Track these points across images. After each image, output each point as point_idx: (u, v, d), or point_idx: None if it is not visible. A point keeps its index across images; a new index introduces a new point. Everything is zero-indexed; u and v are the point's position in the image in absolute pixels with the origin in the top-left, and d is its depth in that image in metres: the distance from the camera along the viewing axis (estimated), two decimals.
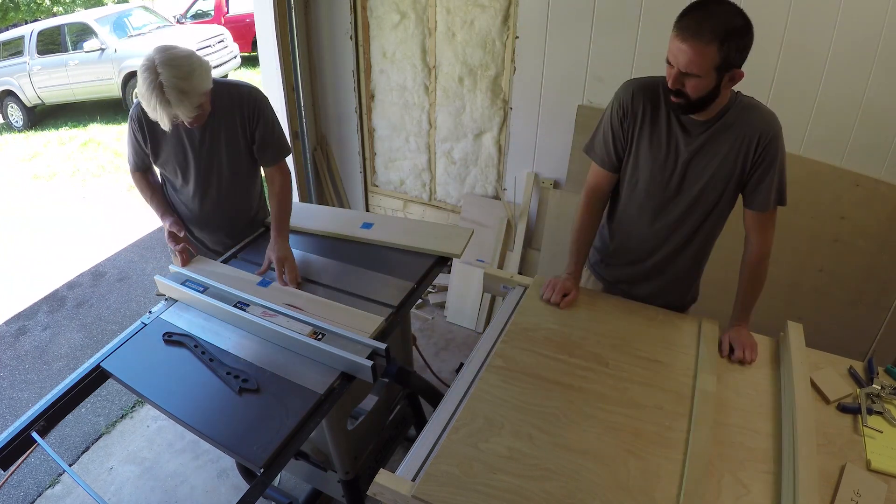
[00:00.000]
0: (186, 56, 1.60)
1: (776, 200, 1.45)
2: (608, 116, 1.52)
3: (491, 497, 1.08)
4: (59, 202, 5.39)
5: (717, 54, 1.24)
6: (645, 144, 1.48)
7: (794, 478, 1.08)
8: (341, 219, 2.14)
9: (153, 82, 1.54)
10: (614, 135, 1.51)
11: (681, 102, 1.34)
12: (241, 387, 1.40)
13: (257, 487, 1.24)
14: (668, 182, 1.49)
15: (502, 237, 3.02)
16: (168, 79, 1.54)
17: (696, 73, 1.26)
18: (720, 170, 1.43)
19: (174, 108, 1.57)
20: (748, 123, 1.39)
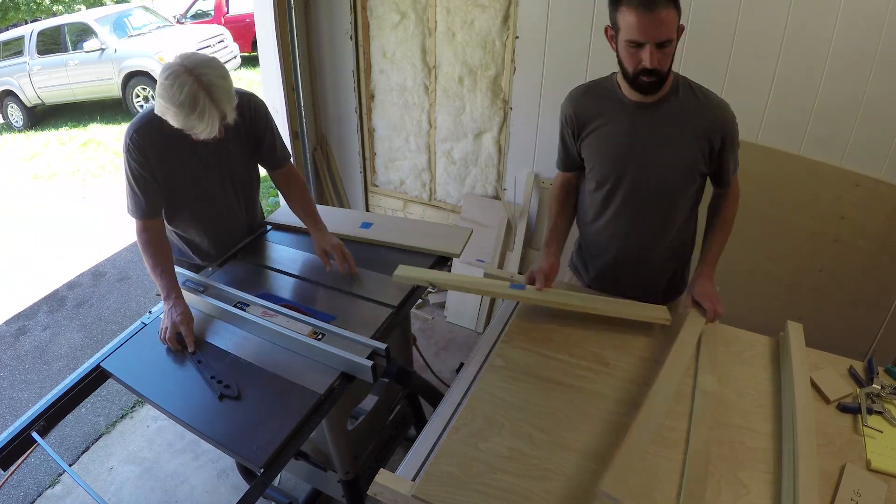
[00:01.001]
0: (214, 58, 1.53)
1: (734, 170, 1.54)
2: (560, 130, 1.61)
3: (491, 497, 1.08)
4: (59, 202, 5.39)
5: (675, 13, 1.25)
6: (596, 143, 1.51)
7: (794, 478, 1.08)
8: (340, 218, 2.14)
9: (196, 84, 1.43)
10: (566, 143, 1.60)
11: (655, 80, 1.33)
12: (222, 392, 1.39)
13: (257, 487, 1.24)
14: (625, 173, 1.50)
15: (502, 237, 3.02)
16: (212, 79, 1.45)
17: (669, 38, 1.25)
18: (680, 155, 1.45)
19: (223, 108, 1.47)
20: (711, 118, 1.41)
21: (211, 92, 1.44)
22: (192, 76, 1.43)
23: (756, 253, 2.36)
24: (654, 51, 1.26)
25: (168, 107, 1.46)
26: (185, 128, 1.50)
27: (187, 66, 1.44)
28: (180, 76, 1.43)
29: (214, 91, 1.45)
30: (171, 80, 1.44)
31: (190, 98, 1.43)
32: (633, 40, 1.27)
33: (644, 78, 1.32)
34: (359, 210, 3.60)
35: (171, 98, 1.44)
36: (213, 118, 1.46)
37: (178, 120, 1.47)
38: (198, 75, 1.44)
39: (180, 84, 1.43)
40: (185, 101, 1.43)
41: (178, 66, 1.45)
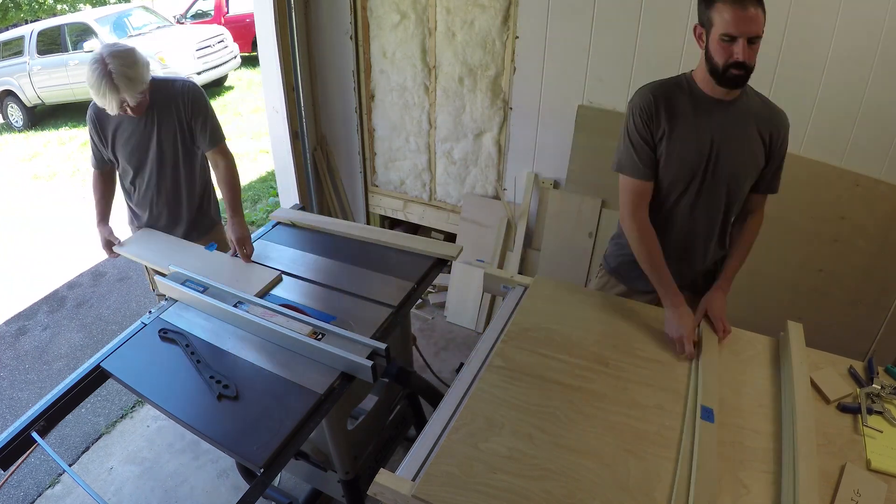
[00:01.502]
0: (131, 49, 1.82)
1: (771, 183, 1.59)
2: (632, 126, 1.51)
3: (491, 497, 1.08)
4: (59, 202, 5.39)
5: (763, 13, 1.31)
6: (675, 142, 1.49)
7: (794, 478, 1.08)
8: None
9: (102, 71, 1.73)
10: (644, 141, 1.50)
11: (742, 75, 1.37)
12: (220, 392, 1.39)
13: (257, 487, 1.24)
14: (703, 171, 1.51)
15: (502, 237, 3.02)
16: (116, 67, 1.73)
17: (759, 34, 1.32)
18: (750, 155, 1.50)
19: (122, 93, 1.75)
20: (774, 117, 1.50)
21: (112, 79, 1.74)
22: (101, 64, 1.74)
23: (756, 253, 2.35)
24: (745, 45, 1.32)
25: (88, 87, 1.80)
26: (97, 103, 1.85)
27: (102, 54, 1.76)
28: (94, 62, 1.76)
29: (115, 78, 1.74)
30: (89, 64, 1.77)
31: (96, 81, 1.75)
32: (727, 34, 1.33)
33: (734, 71, 1.36)
34: (358, 210, 3.60)
35: (87, 79, 1.78)
36: (113, 100, 1.77)
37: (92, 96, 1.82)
38: (105, 64, 1.74)
39: (92, 69, 1.75)
40: (93, 83, 1.76)
41: (98, 54, 1.77)
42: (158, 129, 1.97)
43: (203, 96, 2.04)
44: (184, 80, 2.05)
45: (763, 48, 2.13)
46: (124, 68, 1.76)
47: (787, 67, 2.15)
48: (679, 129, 1.48)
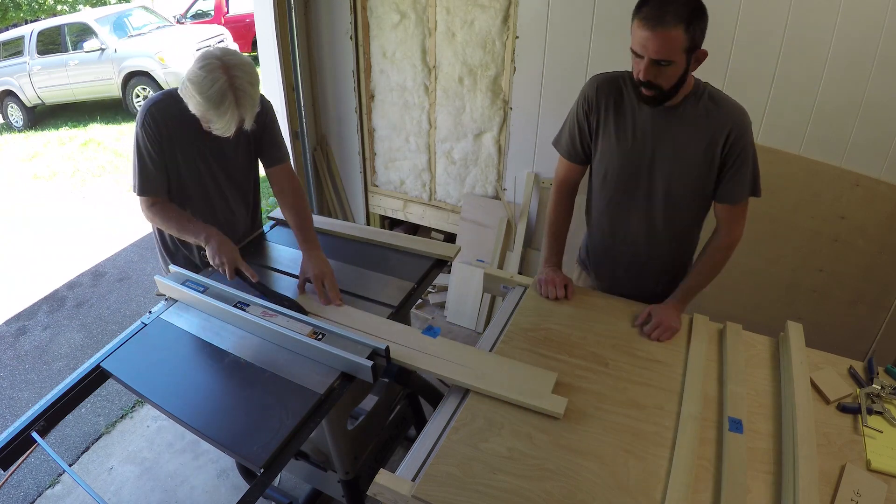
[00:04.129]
0: (251, 62, 1.57)
1: (748, 192, 1.46)
2: (574, 111, 1.56)
3: (491, 497, 1.08)
4: (59, 202, 5.39)
5: (684, 37, 1.24)
6: (611, 137, 1.50)
7: (794, 478, 1.08)
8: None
9: (227, 83, 1.47)
10: (580, 128, 1.55)
11: (654, 95, 1.34)
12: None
13: (257, 487, 1.24)
14: (636, 173, 1.50)
15: (502, 237, 3.02)
16: (243, 83, 1.49)
17: (667, 59, 1.26)
18: (690, 161, 1.44)
19: (245, 113, 1.52)
20: (717, 118, 1.39)
21: (238, 95, 1.49)
22: (227, 75, 1.47)
23: (756, 253, 2.36)
24: (649, 66, 1.29)
25: (194, 94, 1.49)
26: (202, 118, 1.55)
27: (224, 63, 1.48)
28: (215, 70, 1.47)
29: (242, 96, 1.49)
30: (206, 71, 1.47)
31: (218, 94, 1.47)
32: (633, 51, 1.31)
33: (643, 90, 1.35)
34: (359, 209, 3.60)
35: (201, 88, 1.47)
36: (233, 120, 1.51)
37: (199, 109, 1.52)
38: (231, 76, 1.48)
39: (213, 78, 1.47)
40: (213, 95, 1.47)
41: (216, 59, 1.49)
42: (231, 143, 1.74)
43: (271, 107, 1.83)
44: None
45: (763, 48, 2.15)
46: (250, 86, 1.51)
47: (787, 67, 2.15)
48: (614, 126, 1.49)
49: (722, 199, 1.49)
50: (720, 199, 1.49)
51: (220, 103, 1.48)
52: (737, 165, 1.42)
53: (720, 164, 1.43)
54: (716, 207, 1.52)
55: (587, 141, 1.56)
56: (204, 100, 1.48)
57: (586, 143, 1.56)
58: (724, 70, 2.22)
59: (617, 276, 1.71)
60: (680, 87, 1.35)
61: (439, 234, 3.52)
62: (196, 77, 1.48)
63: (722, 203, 1.49)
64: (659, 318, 1.50)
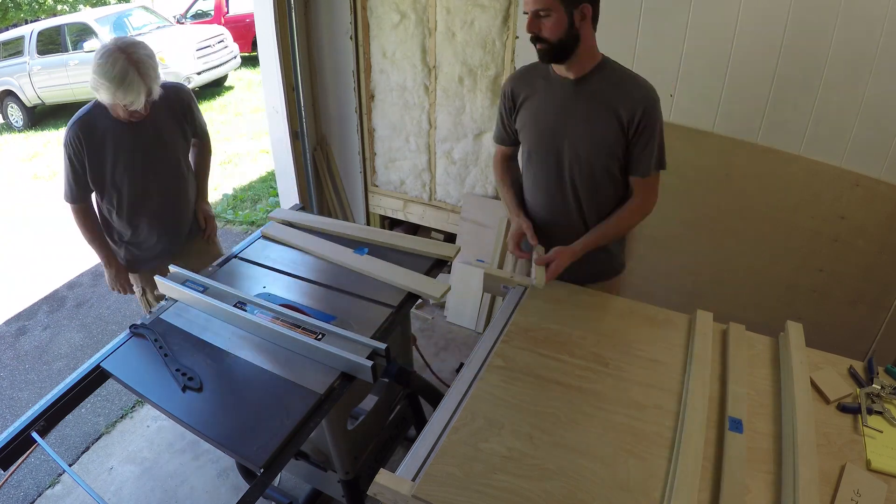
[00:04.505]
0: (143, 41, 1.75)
1: (656, 165, 1.57)
2: (499, 105, 1.74)
3: (491, 497, 1.08)
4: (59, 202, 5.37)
5: None
6: (528, 118, 1.64)
7: (794, 478, 1.08)
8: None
9: (127, 60, 1.63)
10: (503, 118, 1.74)
11: (544, 48, 1.47)
12: (185, 384, 1.42)
13: (257, 487, 1.24)
14: (554, 147, 1.60)
15: (502, 237, 3.01)
16: (141, 56, 1.66)
17: (543, 7, 1.40)
18: (600, 135, 1.53)
19: (150, 83, 1.67)
20: (627, 95, 1.50)
21: (139, 67, 1.65)
22: (124, 54, 1.65)
23: (756, 253, 2.36)
24: (531, 19, 1.44)
25: (101, 82, 1.65)
26: (114, 100, 1.70)
27: (119, 46, 1.67)
28: (113, 53, 1.64)
29: (142, 67, 1.66)
30: (105, 58, 1.64)
31: (121, 72, 1.63)
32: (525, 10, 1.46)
33: (537, 45, 1.48)
34: (359, 209, 3.60)
35: (105, 73, 1.64)
36: (141, 91, 1.67)
37: (108, 93, 1.67)
38: (129, 53, 1.65)
39: (113, 60, 1.63)
40: (117, 74, 1.63)
41: (112, 46, 1.67)
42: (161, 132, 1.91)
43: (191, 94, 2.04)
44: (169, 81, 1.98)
45: (763, 48, 2.15)
46: (148, 58, 1.68)
47: (787, 67, 2.15)
48: (527, 105, 1.63)
49: (635, 172, 1.59)
50: (632, 172, 1.60)
51: (125, 78, 1.63)
52: (644, 140, 1.52)
53: (630, 138, 1.52)
54: (631, 181, 1.63)
55: (510, 127, 1.72)
56: (109, 80, 1.64)
57: (509, 128, 1.73)
58: (725, 70, 2.22)
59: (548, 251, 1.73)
60: (573, 44, 1.45)
61: (439, 234, 3.52)
62: (98, 67, 1.65)
63: (634, 176, 1.60)
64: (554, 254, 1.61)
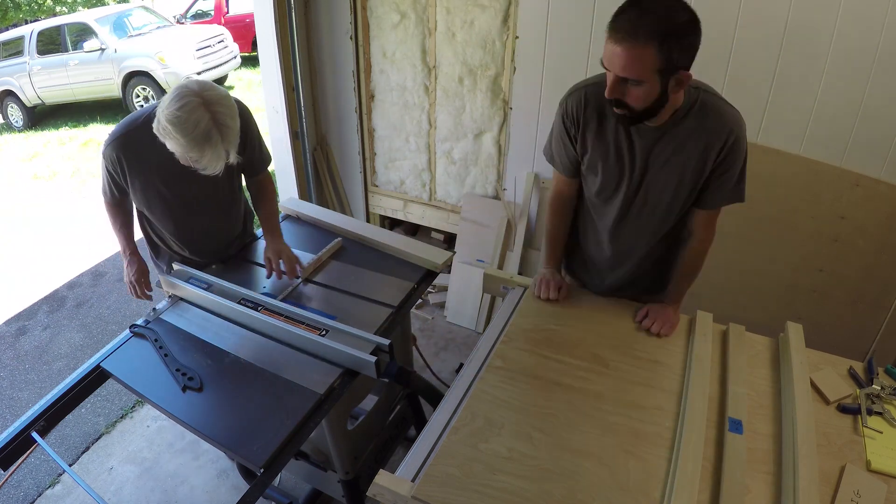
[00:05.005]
0: (228, 94, 1.52)
1: (728, 198, 1.39)
2: (558, 123, 1.46)
3: (491, 497, 1.08)
4: (59, 202, 5.38)
5: (656, 56, 1.12)
6: (595, 152, 1.41)
7: (795, 478, 1.08)
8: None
9: (211, 120, 1.42)
10: (564, 142, 1.46)
11: (625, 114, 1.24)
12: (185, 384, 1.42)
13: (257, 487, 1.24)
14: (624, 189, 1.42)
15: (502, 237, 3.02)
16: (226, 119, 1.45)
17: (635, 77, 1.15)
18: (683, 178, 1.35)
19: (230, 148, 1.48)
20: (711, 129, 1.29)
21: (223, 132, 1.44)
22: (209, 112, 1.41)
23: (756, 253, 2.36)
24: (615, 83, 1.19)
25: (176, 136, 1.41)
26: (183, 160, 1.48)
27: (205, 100, 1.42)
28: (196, 109, 1.40)
29: (226, 132, 1.45)
30: (187, 112, 1.39)
31: (203, 134, 1.41)
32: (603, 63, 1.21)
33: (615, 108, 1.25)
34: (359, 209, 3.60)
35: (183, 130, 1.40)
36: (220, 157, 1.46)
37: (181, 149, 1.44)
38: (214, 112, 1.42)
39: (196, 119, 1.40)
40: (198, 136, 1.41)
41: (195, 97, 1.41)
42: None
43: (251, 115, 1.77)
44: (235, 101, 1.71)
45: (763, 48, 2.15)
46: (231, 120, 1.46)
47: (787, 67, 2.15)
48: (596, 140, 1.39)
49: (703, 205, 1.42)
50: (700, 205, 1.42)
51: (206, 142, 1.42)
52: (721, 174, 1.34)
53: (711, 172, 1.34)
54: (695, 213, 1.45)
55: (572, 155, 1.47)
56: (188, 141, 1.41)
57: (574, 156, 1.47)
58: (724, 70, 2.22)
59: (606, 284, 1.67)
60: (658, 110, 1.23)
61: (439, 234, 3.52)
62: (177, 119, 1.40)
63: (702, 209, 1.42)
64: (657, 314, 1.51)
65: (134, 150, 1.60)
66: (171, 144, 1.45)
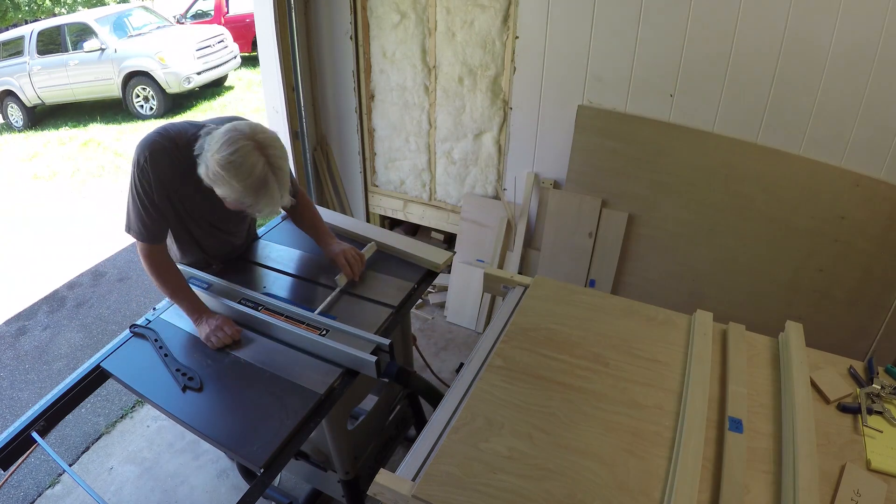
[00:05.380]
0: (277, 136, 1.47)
1: None
2: None
3: (491, 497, 1.08)
4: (59, 202, 5.39)
5: None
6: None
7: (795, 478, 1.08)
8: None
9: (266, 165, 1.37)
10: None
11: None
12: (185, 384, 1.42)
13: (257, 487, 1.24)
14: None
15: (502, 237, 3.02)
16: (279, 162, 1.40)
17: None
18: None
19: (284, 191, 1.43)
20: None
21: (279, 176, 1.40)
22: (263, 156, 1.37)
23: (756, 253, 2.37)
24: None
25: (230, 182, 1.36)
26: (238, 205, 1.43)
27: (258, 143, 1.37)
28: (251, 154, 1.35)
29: (281, 175, 1.41)
30: (241, 156, 1.35)
31: (260, 180, 1.36)
32: None
33: None
34: (359, 209, 3.60)
35: (239, 175, 1.35)
36: (276, 202, 1.41)
37: (236, 195, 1.39)
38: (268, 156, 1.38)
39: (252, 164, 1.35)
40: (256, 182, 1.36)
41: (249, 141, 1.37)
42: None
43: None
44: None
45: (763, 48, 2.15)
46: (284, 162, 1.41)
47: (787, 67, 2.15)
48: None
49: None
50: None
51: (263, 187, 1.37)
52: None
53: None
54: None
55: None
56: (245, 187, 1.36)
57: None
58: (725, 70, 2.22)
59: None
60: None
61: (439, 234, 3.52)
62: (231, 164, 1.34)
63: None
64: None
65: (160, 158, 1.49)
66: (223, 190, 1.40)
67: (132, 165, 1.50)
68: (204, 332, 1.54)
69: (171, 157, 1.49)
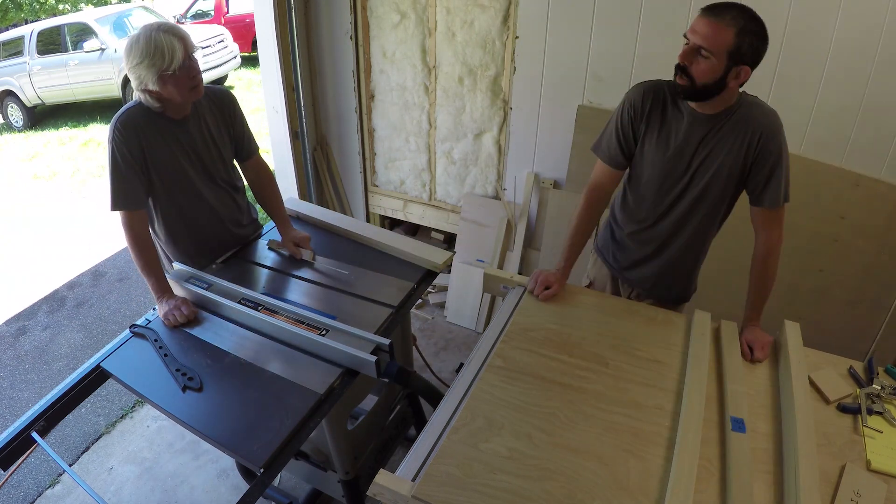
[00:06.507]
0: None
1: (785, 196, 1.49)
2: (618, 116, 1.57)
3: (491, 497, 1.08)
4: (59, 202, 5.39)
5: (732, 39, 1.29)
6: (653, 142, 1.53)
7: (795, 478, 1.08)
8: None
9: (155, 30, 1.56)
10: (624, 133, 1.57)
11: (685, 85, 1.37)
12: (185, 384, 1.42)
13: (257, 487, 1.24)
14: (676, 177, 1.54)
15: (502, 237, 3.02)
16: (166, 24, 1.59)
17: (709, 48, 1.31)
18: (724, 165, 1.47)
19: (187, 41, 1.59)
20: (749, 120, 1.43)
21: (172, 30, 1.58)
22: (149, 28, 1.57)
23: None
24: (689, 49, 1.34)
25: (141, 62, 1.55)
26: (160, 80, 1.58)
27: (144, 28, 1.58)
28: (137, 34, 1.57)
29: (175, 29, 1.59)
30: (133, 41, 1.57)
31: (154, 41, 1.55)
32: (685, 36, 1.36)
33: (677, 79, 1.38)
34: (359, 209, 3.60)
35: (141, 53, 1.55)
36: (182, 48, 1.57)
37: (152, 69, 1.56)
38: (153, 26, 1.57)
39: (142, 36, 1.55)
40: (152, 45, 1.54)
41: (135, 34, 1.59)
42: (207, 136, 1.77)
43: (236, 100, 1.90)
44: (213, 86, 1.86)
45: None
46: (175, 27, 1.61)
47: (787, 67, 2.15)
48: (658, 133, 1.52)
49: (760, 203, 1.50)
50: (758, 203, 1.51)
51: (162, 44, 1.55)
52: (770, 166, 1.44)
53: (751, 165, 1.46)
54: (753, 213, 1.55)
55: (631, 146, 1.58)
56: (150, 55, 1.55)
57: (630, 148, 1.58)
58: None
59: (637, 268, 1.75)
60: (714, 92, 1.36)
61: (439, 234, 3.52)
62: (131, 53, 1.57)
63: (760, 207, 1.51)
64: (756, 342, 1.48)
65: (133, 124, 1.68)
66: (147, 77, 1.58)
67: (107, 142, 1.71)
68: (163, 309, 1.65)
69: (137, 124, 1.67)
